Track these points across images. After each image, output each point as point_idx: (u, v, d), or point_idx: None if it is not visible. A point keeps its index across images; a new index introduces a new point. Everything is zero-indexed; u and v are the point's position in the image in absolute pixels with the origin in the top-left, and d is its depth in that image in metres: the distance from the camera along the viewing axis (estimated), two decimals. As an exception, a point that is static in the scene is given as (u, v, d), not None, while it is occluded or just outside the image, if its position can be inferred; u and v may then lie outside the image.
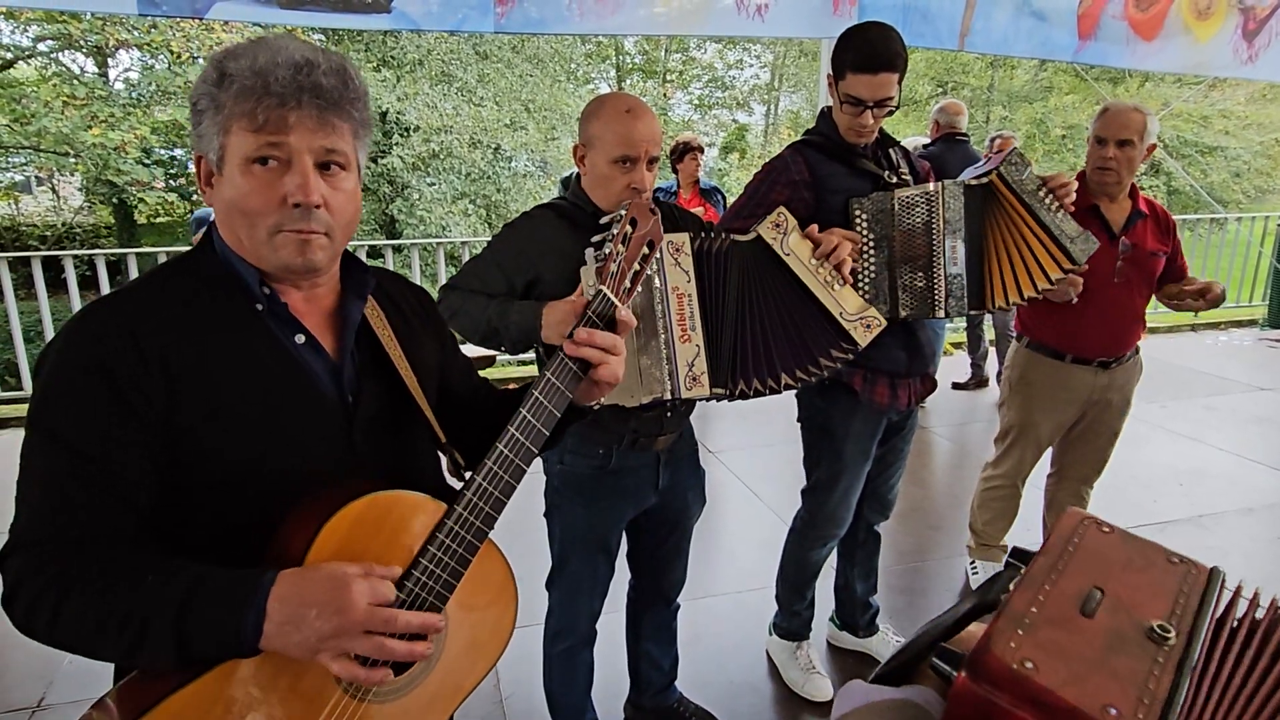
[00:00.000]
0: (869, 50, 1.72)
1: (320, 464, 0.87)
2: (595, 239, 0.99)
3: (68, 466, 0.77)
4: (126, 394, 0.78)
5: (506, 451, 0.87)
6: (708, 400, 1.53)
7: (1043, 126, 16.15)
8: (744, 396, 1.57)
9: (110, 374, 0.77)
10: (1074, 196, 1.84)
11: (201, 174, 0.85)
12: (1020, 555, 0.81)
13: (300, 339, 0.88)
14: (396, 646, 0.76)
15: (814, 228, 1.59)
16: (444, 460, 1.00)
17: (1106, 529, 0.82)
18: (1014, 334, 2.57)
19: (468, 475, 0.87)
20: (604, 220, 1.00)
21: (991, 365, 4.88)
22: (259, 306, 0.86)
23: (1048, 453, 2.63)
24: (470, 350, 3.59)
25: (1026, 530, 2.80)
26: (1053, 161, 15.83)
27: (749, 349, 1.55)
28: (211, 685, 0.74)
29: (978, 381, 5.01)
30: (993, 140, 4.63)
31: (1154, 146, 2.27)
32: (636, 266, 0.99)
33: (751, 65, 18.08)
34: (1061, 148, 15.80)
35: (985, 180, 1.81)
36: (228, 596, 0.73)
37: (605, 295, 0.95)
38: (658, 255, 1.43)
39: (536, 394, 0.89)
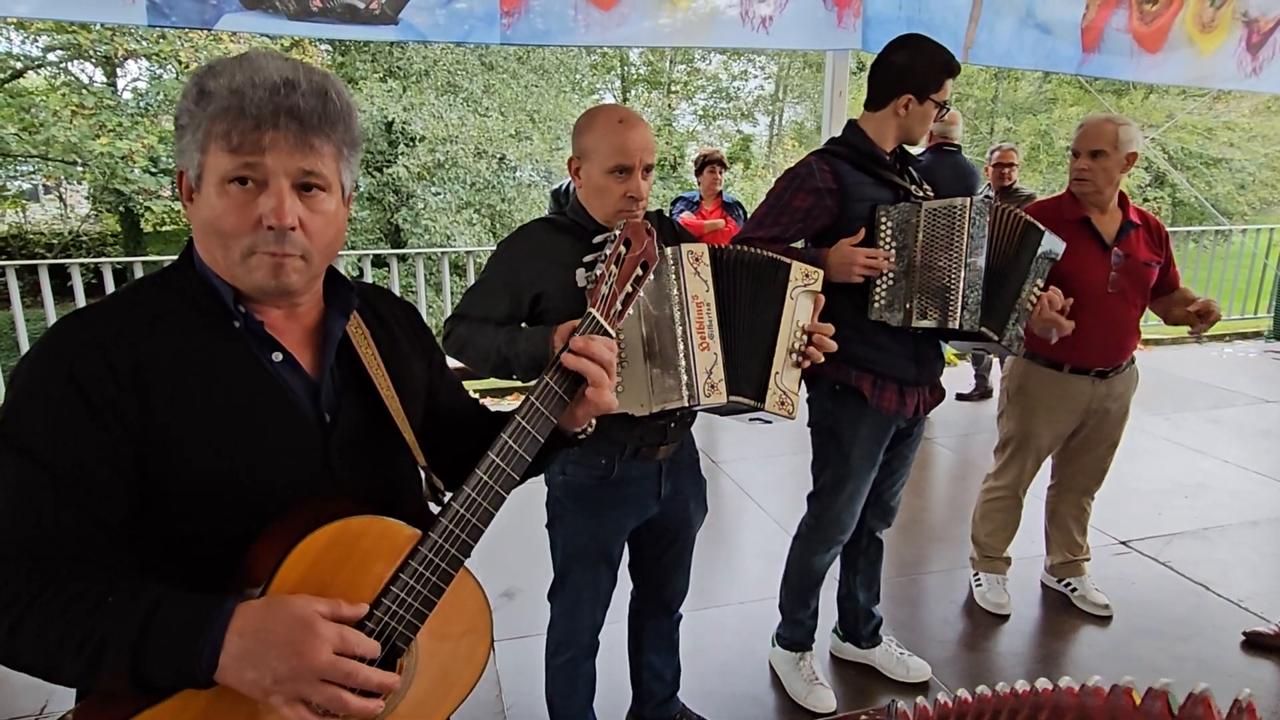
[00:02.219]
0: (951, 55, 1.87)
1: (296, 482, 0.85)
2: (587, 259, 0.97)
3: (35, 480, 0.76)
4: (98, 407, 0.77)
5: (485, 478, 0.84)
6: (724, 405, 1.50)
7: (1047, 138, 16.16)
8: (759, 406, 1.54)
9: (81, 387, 0.76)
10: (1045, 312, 1.92)
11: (183, 190, 0.83)
12: None
13: (277, 357, 0.86)
14: (352, 701, 0.73)
15: (821, 300, 1.57)
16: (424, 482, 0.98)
17: None
18: None
19: (445, 500, 0.85)
20: (597, 240, 0.98)
21: (995, 376, 4.88)
22: (236, 324, 0.84)
23: (1048, 464, 2.63)
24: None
25: (1031, 542, 2.79)
26: (1057, 173, 15.85)
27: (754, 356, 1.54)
28: (169, 712, 0.73)
29: (981, 393, 5.01)
30: (992, 153, 4.63)
31: (1134, 155, 2.29)
32: (629, 289, 0.96)
33: (756, 76, 18.14)
34: (1065, 160, 15.79)
35: (1017, 216, 1.87)
36: (184, 625, 0.71)
37: (594, 318, 0.92)
38: (678, 266, 1.43)
39: (518, 418, 0.87)
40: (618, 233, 0.96)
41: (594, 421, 1.02)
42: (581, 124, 1.56)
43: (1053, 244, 1.91)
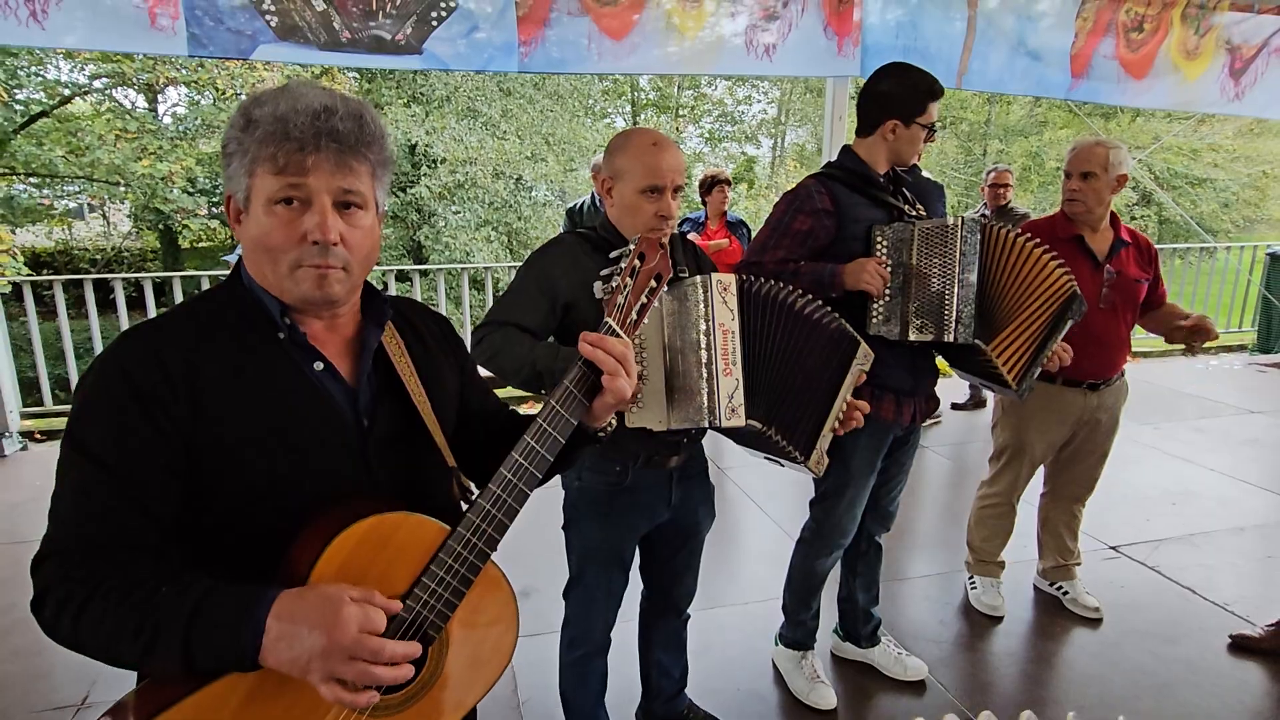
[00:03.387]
0: (934, 79, 1.93)
1: (336, 484, 0.90)
2: (604, 272, 1.00)
3: (96, 479, 0.80)
4: (154, 414, 0.81)
5: (510, 476, 0.88)
6: (741, 429, 1.53)
7: (1038, 159, 16.36)
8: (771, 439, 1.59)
9: (139, 395, 0.81)
10: (1055, 365, 1.98)
11: (231, 212, 0.89)
12: None
13: (319, 366, 0.91)
14: (380, 673, 0.77)
15: (863, 377, 1.66)
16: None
17: None
18: None
19: (473, 498, 0.89)
20: (613, 255, 1.01)
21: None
22: (281, 335, 0.89)
23: (1040, 471, 2.69)
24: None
25: (1024, 547, 2.85)
26: (1048, 192, 15.99)
27: (779, 393, 1.58)
28: (219, 693, 0.78)
29: (975, 402, 5.06)
30: (988, 174, 4.70)
31: (1124, 178, 2.35)
32: (643, 300, 0.99)
33: (760, 101, 18.43)
34: (1055, 180, 16.00)
35: (1070, 283, 1.89)
36: (231, 612, 0.76)
37: (610, 327, 0.96)
38: (708, 294, 1.49)
39: (540, 421, 0.91)
40: (632, 247, 0.99)
41: (614, 421, 1.06)
42: (615, 145, 1.60)
43: (1083, 307, 1.93)
